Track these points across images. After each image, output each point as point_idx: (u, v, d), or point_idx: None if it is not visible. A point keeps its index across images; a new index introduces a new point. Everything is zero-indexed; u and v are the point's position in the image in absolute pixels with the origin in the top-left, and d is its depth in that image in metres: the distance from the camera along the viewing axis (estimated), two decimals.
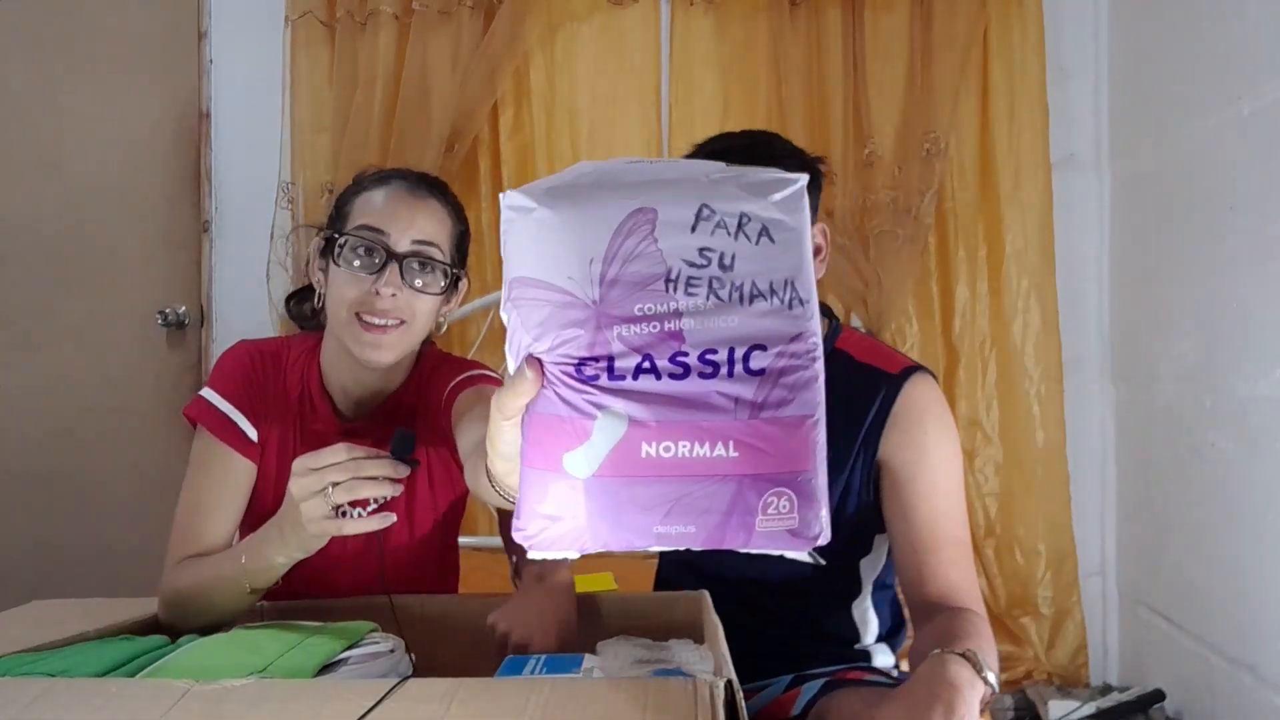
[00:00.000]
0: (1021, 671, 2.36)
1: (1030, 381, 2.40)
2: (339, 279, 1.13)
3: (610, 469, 0.55)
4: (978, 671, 0.90)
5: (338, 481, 0.89)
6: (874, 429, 1.17)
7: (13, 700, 0.70)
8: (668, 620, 1.10)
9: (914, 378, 1.18)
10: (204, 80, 2.67)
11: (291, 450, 1.19)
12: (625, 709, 0.66)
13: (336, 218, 1.19)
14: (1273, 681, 1.74)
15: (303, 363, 1.22)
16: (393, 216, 1.12)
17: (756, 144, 1.13)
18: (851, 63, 2.39)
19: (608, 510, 0.55)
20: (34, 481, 2.64)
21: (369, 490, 0.90)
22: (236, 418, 1.17)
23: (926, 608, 1.10)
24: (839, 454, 1.19)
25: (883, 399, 1.16)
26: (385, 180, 1.17)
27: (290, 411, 1.20)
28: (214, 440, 1.17)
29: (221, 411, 1.17)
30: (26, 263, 2.65)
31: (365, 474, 0.90)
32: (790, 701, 1.19)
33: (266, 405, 1.19)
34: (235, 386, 1.19)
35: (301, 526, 0.93)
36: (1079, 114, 2.45)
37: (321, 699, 0.70)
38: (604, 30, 2.50)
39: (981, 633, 1.01)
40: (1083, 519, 2.42)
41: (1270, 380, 1.74)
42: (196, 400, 1.19)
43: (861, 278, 2.35)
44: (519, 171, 2.52)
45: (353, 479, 0.90)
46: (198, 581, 1.08)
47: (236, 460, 1.17)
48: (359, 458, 0.90)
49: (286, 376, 1.21)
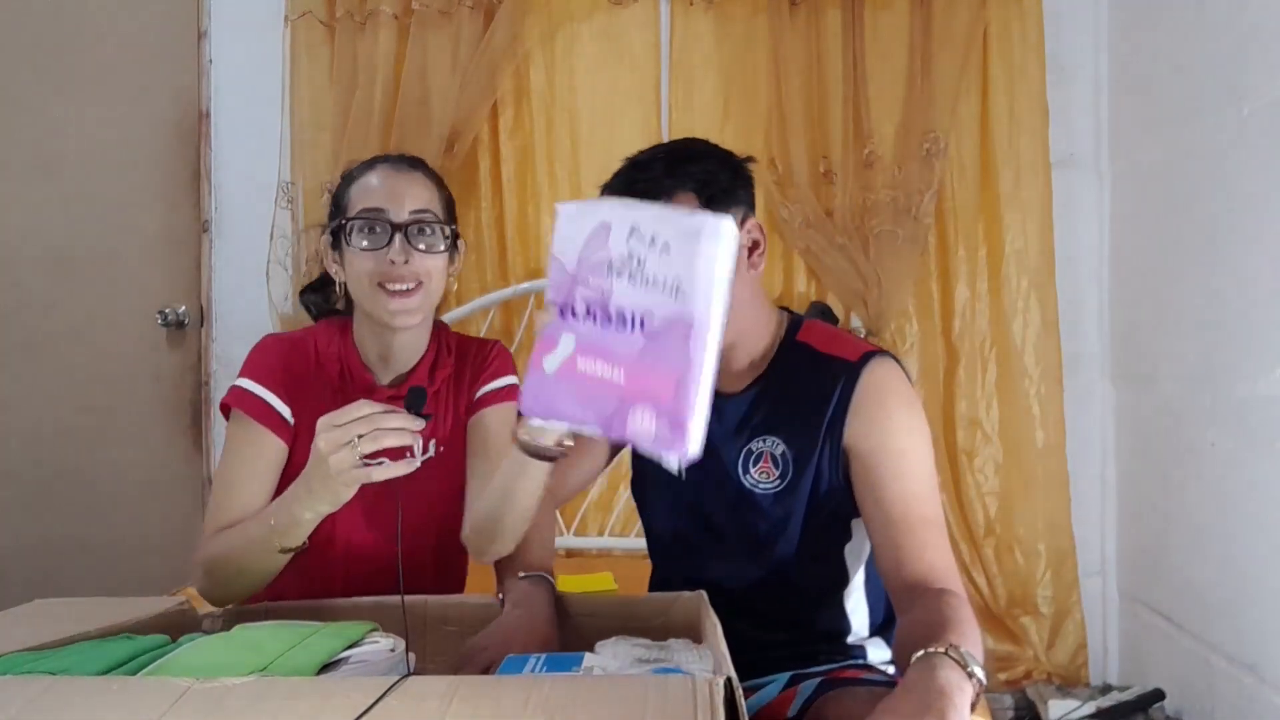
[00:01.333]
0: (1021, 671, 2.36)
1: (1030, 381, 2.40)
2: (355, 260, 1.23)
3: (561, 372, 0.90)
4: (964, 669, 0.90)
5: (363, 434, 0.98)
6: (837, 416, 1.18)
7: (13, 699, 0.70)
8: (667, 620, 1.10)
9: (873, 362, 1.19)
10: (204, 80, 2.67)
11: None
12: (625, 708, 0.66)
13: (336, 211, 1.29)
14: (1273, 681, 1.74)
15: (337, 343, 1.31)
16: (388, 194, 1.24)
17: (675, 149, 1.18)
18: (851, 63, 2.39)
19: (555, 396, 0.91)
20: (34, 481, 2.64)
21: (391, 440, 0.99)
22: (271, 399, 1.25)
23: (906, 591, 1.10)
24: (806, 443, 1.20)
25: (843, 386, 1.18)
26: (371, 165, 1.28)
27: (330, 388, 1.28)
28: (248, 421, 1.24)
29: (256, 395, 1.25)
30: (26, 263, 2.65)
31: (386, 425, 0.99)
32: (787, 701, 1.19)
33: (302, 388, 1.27)
34: (269, 373, 1.26)
35: (331, 478, 1.01)
36: (1079, 114, 2.45)
37: (322, 697, 0.70)
38: (604, 30, 2.50)
39: (963, 617, 1.01)
40: (1083, 519, 2.42)
41: (1270, 380, 1.74)
42: (231, 390, 1.26)
43: (861, 278, 2.35)
44: (519, 171, 2.52)
45: (376, 429, 0.99)
46: (230, 547, 1.15)
47: (269, 438, 1.24)
48: (378, 412, 1.00)
49: (320, 358, 1.29)
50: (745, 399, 1.25)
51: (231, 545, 1.16)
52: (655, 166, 1.14)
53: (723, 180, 1.16)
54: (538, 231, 2.52)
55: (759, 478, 1.22)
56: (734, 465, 1.24)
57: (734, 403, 1.25)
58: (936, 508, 1.16)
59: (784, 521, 1.22)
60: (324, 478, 1.01)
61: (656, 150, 1.19)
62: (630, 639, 1.00)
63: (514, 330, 2.53)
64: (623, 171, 1.18)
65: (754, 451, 1.23)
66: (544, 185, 2.52)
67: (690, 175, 1.14)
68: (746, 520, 1.24)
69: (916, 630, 0.99)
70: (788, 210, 2.38)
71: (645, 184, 1.12)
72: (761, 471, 1.22)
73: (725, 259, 0.83)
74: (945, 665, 0.90)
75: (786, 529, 1.22)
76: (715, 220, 0.83)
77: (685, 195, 1.13)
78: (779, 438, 1.22)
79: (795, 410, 1.21)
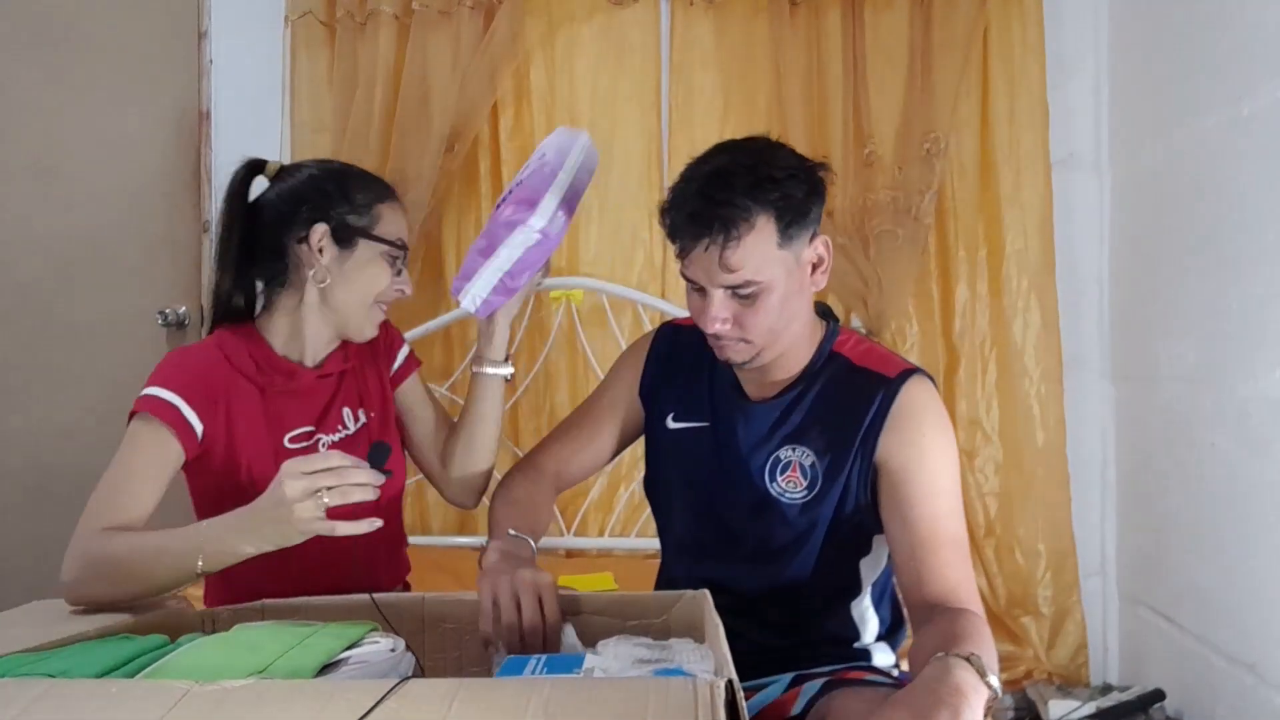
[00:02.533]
0: (1022, 671, 2.36)
1: (1030, 381, 2.40)
2: (374, 278, 1.31)
3: (480, 248, 1.30)
4: (981, 677, 0.90)
5: (330, 486, 1.01)
6: (871, 431, 1.18)
7: (13, 700, 0.70)
8: (668, 620, 1.10)
9: (911, 380, 1.19)
10: (204, 80, 2.66)
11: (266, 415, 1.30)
12: (626, 709, 0.66)
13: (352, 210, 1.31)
14: (1273, 681, 1.74)
15: (244, 343, 1.32)
16: (404, 230, 1.35)
17: (759, 160, 1.15)
18: (851, 63, 2.39)
19: (474, 267, 1.29)
20: (34, 481, 2.64)
21: (357, 496, 1.02)
22: (182, 407, 1.23)
23: (926, 608, 1.10)
24: (837, 456, 1.19)
25: (880, 401, 1.18)
26: (390, 192, 1.36)
27: (252, 383, 1.30)
28: (156, 423, 1.22)
29: (167, 400, 1.23)
30: (26, 263, 2.65)
31: (353, 482, 1.01)
32: (790, 701, 1.19)
33: (217, 395, 1.27)
34: (180, 382, 1.25)
35: (289, 524, 1.02)
36: (1079, 114, 2.45)
37: (322, 699, 0.70)
38: (604, 30, 2.50)
39: (982, 634, 1.02)
40: (1083, 519, 2.42)
41: (1270, 380, 1.74)
42: (141, 398, 1.24)
43: (861, 278, 2.35)
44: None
45: (343, 484, 1.01)
46: (138, 551, 1.12)
47: (173, 444, 1.23)
48: (347, 465, 1.02)
49: (233, 361, 1.30)
50: (777, 405, 1.25)
51: (140, 551, 1.12)
52: (736, 184, 1.11)
53: (799, 200, 1.14)
54: None
55: (785, 486, 1.22)
56: (760, 472, 1.23)
57: (765, 408, 1.25)
58: (961, 527, 1.16)
59: (807, 532, 1.21)
60: (280, 521, 1.02)
61: (737, 158, 1.15)
62: (631, 638, 1.00)
63: (514, 330, 2.52)
64: (699, 179, 1.14)
65: (782, 460, 1.23)
66: None
67: (770, 202, 1.12)
68: (767, 528, 1.23)
69: (934, 639, 0.99)
70: None
71: (724, 202, 1.10)
72: (789, 480, 1.22)
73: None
74: (962, 667, 0.90)
75: (809, 540, 1.22)
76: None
77: (765, 221, 1.12)
78: (809, 448, 1.21)
79: (828, 422, 1.21)
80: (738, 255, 1.11)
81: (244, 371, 1.30)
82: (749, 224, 1.11)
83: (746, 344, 1.18)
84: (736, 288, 1.13)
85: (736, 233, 1.10)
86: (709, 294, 1.15)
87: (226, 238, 1.33)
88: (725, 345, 1.19)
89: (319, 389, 1.36)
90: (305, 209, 1.30)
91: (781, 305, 1.15)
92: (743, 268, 1.12)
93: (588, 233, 2.49)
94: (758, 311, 1.15)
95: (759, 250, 1.12)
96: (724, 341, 1.18)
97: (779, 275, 1.14)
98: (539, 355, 2.50)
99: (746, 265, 1.12)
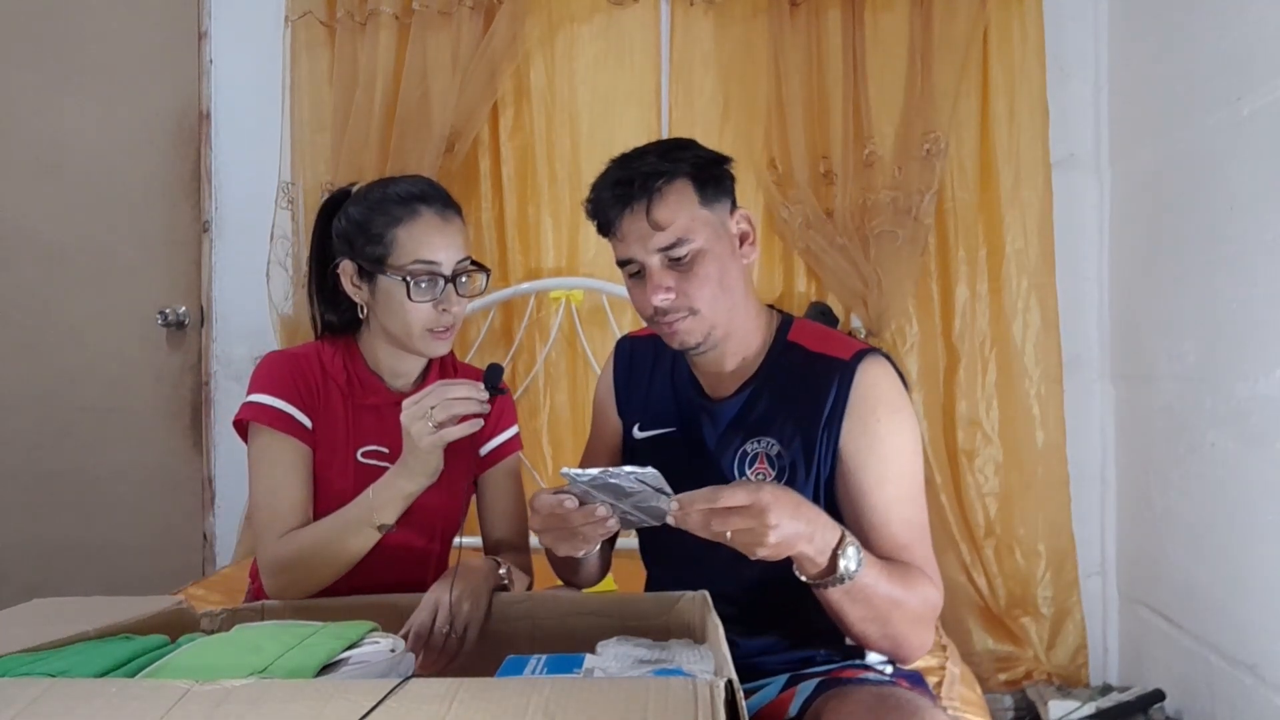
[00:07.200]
0: (1021, 671, 2.36)
1: (1030, 381, 2.40)
2: (408, 309, 1.30)
3: None
4: (838, 549, 1.03)
5: (434, 405, 1.14)
6: (834, 417, 1.18)
7: (13, 700, 0.70)
8: (667, 620, 1.10)
9: (866, 361, 1.20)
10: (204, 80, 2.67)
11: (347, 425, 1.36)
12: (625, 709, 0.66)
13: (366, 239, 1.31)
14: (1273, 681, 1.74)
15: (341, 356, 1.39)
16: (440, 247, 1.30)
17: (664, 143, 1.23)
18: (851, 63, 2.39)
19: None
20: (34, 481, 2.64)
21: (459, 407, 1.14)
22: (290, 410, 1.32)
23: None
24: (805, 445, 1.20)
25: (839, 386, 1.18)
26: (415, 209, 1.31)
27: (340, 392, 1.37)
28: (273, 432, 1.31)
29: (274, 407, 1.31)
30: (26, 263, 2.65)
31: (452, 395, 1.14)
32: (786, 702, 1.19)
33: (314, 395, 1.35)
34: (282, 386, 1.33)
35: (418, 449, 1.16)
36: (1079, 114, 2.45)
37: (322, 699, 0.70)
38: (604, 30, 2.50)
39: (908, 576, 1.11)
40: (1083, 519, 2.42)
41: (1270, 380, 1.74)
42: (245, 406, 1.32)
43: (861, 278, 2.35)
44: (519, 171, 2.53)
45: (445, 399, 1.14)
46: (322, 537, 1.26)
47: (298, 445, 1.32)
48: (447, 385, 1.15)
49: (327, 370, 1.37)
50: (737, 401, 1.25)
51: (321, 537, 1.25)
52: (648, 156, 1.19)
53: (710, 162, 1.21)
54: (538, 231, 2.52)
55: (755, 479, 1.22)
56: (729, 467, 1.24)
57: (726, 405, 1.26)
58: (918, 511, 1.18)
59: None
60: (411, 450, 1.18)
61: (645, 146, 1.23)
62: (631, 639, 1.00)
63: (514, 330, 2.53)
64: (614, 164, 1.22)
65: (749, 453, 1.23)
66: (544, 185, 2.52)
67: (683, 161, 1.18)
68: None
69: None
70: (788, 211, 2.38)
71: (639, 167, 1.17)
72: (757, 473, 1.22)
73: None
74: (834, 530, 1.03)
75: None
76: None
77: (681, 180, 1.17)
78: (774, 439, 1.22)
79: (790, 411, 1.21)
80: (663, 210, 1.15)
81: (335, 380, 1.37)
82: (668, 180, 1.16)
83: (694, 315, 1.18)
84: (669, 249, 1.16)
85: (657, 186, 1.15)
86: (646, 267, 1.17)
87: (309, 263, 1.42)
88: (675, 323, 1.19)
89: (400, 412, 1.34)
90: (338, 243, 1.35)
91: (720, 273, 1.18)
92: (671, 223, 1.15)
93: (588, 233, 2.48)
94: (697, 276, 1.16)
95: (683, 208, 1.16)
96: (673, 318, 1.18)
97: (709, 237, 1.17)
98: (539, 355, 2.50)
99: (675, 221, 1.15)
